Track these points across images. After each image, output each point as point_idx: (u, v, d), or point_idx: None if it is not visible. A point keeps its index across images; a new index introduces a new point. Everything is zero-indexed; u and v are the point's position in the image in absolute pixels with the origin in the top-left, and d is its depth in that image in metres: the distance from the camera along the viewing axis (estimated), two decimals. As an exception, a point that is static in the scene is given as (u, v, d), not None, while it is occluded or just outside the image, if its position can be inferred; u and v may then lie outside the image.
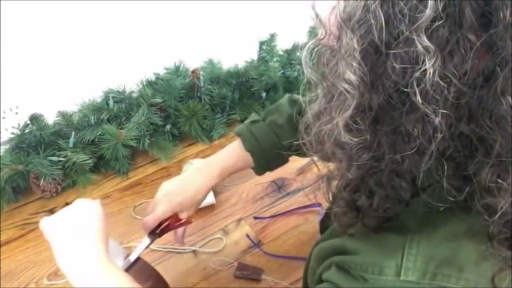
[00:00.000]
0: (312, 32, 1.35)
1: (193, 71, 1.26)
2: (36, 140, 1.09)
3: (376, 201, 0.45)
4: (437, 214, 0.45)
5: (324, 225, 0.75)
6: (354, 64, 0.38)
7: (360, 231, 0.49)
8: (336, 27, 0.41)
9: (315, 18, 0.44)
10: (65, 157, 1.08)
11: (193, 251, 0.96)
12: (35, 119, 1.11)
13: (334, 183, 0.50)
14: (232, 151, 0.85)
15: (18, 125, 1.10)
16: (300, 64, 1.29)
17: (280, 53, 1.34)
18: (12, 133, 1.09)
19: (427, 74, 0.35)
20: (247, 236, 0.97)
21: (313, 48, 0.44)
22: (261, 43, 1.30)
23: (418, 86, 0.36)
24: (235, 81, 1.26)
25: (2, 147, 1.10)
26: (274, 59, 1.30)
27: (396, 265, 0.44)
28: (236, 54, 1.30)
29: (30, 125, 1.11)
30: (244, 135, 0.84)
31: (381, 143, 0.41)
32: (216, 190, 1.08)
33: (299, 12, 1.39)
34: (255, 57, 1.30)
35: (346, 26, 0.39)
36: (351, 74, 0.39)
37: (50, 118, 1.15)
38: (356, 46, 0.38)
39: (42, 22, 1.08)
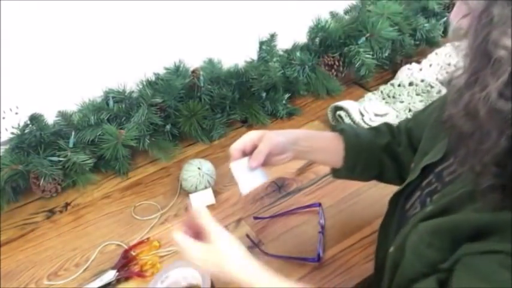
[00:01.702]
0: (312, 32, 1.35)
1: (193, 71, 1.26)
2: (36, 140, 1.09)
3: None
4: None
5: (394, 202, 0.76)
6: (509, 30, 0.42)
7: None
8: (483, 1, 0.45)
9: None
10: (65, 157, 1.08)
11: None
12: (35, 119, 1.11)
13: (477, 158, 0.49)
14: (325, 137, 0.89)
15: (18, 125, 1.10)
16: (300, 64, 1.29)
17: (280, 53, 1.34)
18: (12, 133, 1.09)
19: None
20: (247, 236, 0.97)
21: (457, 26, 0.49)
22: (261, 43, 1.30)
23: None
24: (235, 81, 1.26)
25: (2, 147, 1.10)
26: (274, 59, 1.30)
27: None
28: (236, 54, 1.30)
29: (30, 125, 1.11)
30: (346, 128, 0.88)
31: None
32: (216, 190, 1.08)
33: (299, 12, 1.41)
34: (255, 57, 1.30)
35: None
36: (506, 39, 0.42)
37: (50, 118, 1.15)
38: (510, 14, 0.42)
39: (42, 22, 1.08)
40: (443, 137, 0.69)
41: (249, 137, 0.80)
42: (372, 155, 0.87)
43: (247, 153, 0.79)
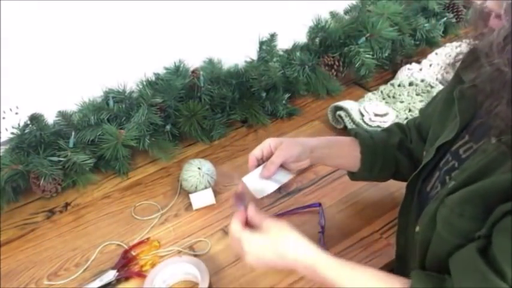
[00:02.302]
0: (311, 32, 1.35)
1: (193, 71, 1.26)
2: (36, 140, 1.09)
3: None
4: None
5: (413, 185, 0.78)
6: None
7: None
8: None
9: None
10: (65, 157, 1.08)
11: (179, 252, 0.96)
12: (35, 119, 1.11)
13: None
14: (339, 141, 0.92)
15: (18, 125, 1.10)
16: (300, 64, 1.29)
17: (280, 53, 1.34)
18: (12, 133, 1.09)
19: None
20: (247, 236, 0.97)
21: None
22: (261, 43, 1.30)
23: None
24: (235, 81, 1.26)
25: (2, 147, 1.10)
26: (274, 59, 1.30)
27: None
28: (236, 54, 1.30)
29: (30, 125, 1.11)
30: (360, 132, 0.92)
31: None
32: (216, 190, 1.08)
33: (299, 12, 1.41)
34: (255, 57, 1.30)
35: None
36: None
37: (50, 118, 1.15)
38: None
39: (42, 22, 1.08)
40: (453, 117, 0.71)
41: (267, 144, 0.82)
42: (388, 154, 0.90)
43: (264, 160, 0.82)
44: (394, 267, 0.86)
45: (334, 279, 0.66)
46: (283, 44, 1.35)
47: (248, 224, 0.74)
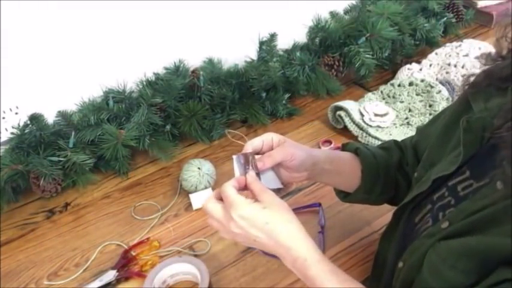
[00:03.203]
0: (311, 32, 1.35)
1: (193, 71, 1.26)
2: (36, 140, 1.09)
3: None
4: None
5: (398, 216, 0.72)
6: None
7: None
8: None
9: None
10: (65, 157, 1.08)
11: (178, 252, 0.96)
12: (35, 119, 1.11)
13: None
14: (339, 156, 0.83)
15: (18, 125, 1.10)
16: (300, 64, 1.29)
17: (280, 53, 1.34)
18: (12, 133, 1.09)
19: None
20: (247, 236, 0.97)
21: None
22: (261, 43, 1.30)
23: None
24: (235, 81, 1.26)
25: (2, 147, 1.10)
26: (274, 59, 1.30)
27: None
28: (236, 54, 1.30)
29: (30, 125, 1.11)
30: (362, 149, 0.83)
31: None
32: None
33: (299, 12, 1.41)
34: (255, 57, 1.30)
35: None
36: None
37: (50, 118, 1.15)
38: None
39: (42, 22, 1.08)
40: (453, 147, 0.65)
41: (269, 137, 0.74)
42: (389, 176, 0.82)
43: (260, 153, 0.74)
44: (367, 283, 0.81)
45: (322, 282, 0.61)
46: (283, 44, 1.35)
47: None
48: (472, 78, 0.64)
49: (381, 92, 1.32)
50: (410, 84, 1.30)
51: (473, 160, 0.61)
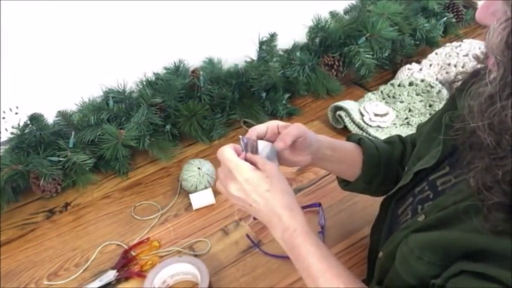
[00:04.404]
0: (311, 32, 1.35)
1: (193, 71, 1.26)
2: (36, 140, 1.09)
3: None
4: None
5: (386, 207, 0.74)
6: None
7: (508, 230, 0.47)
8: None
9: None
10: (65, 157, 1.08)
11: (178, 252, 0.96)
12: (35, 119, 1.11)
13: (491, 174, 0.47)
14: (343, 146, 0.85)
15: (18, 125, 1.10)
16: (300, 64, 1.29)
17: (280, 53, 1.34)
18: (12, 133, 1.09)
19: None
20: (247, 236, 0.97)
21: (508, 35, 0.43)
22: (261, 43, 1.30)
23: None
24: (235, 81, 1.26)
25: (2, 147, 1.10)
26: (274, 59, 1.30)
27: None
28: (236, 54, 1.30)
29: (30, 125, 1.11)
30: (365, 139, 0.85)
31: None
32: (216, 190, 1.08)
33: (299, 12, 1.41)
34: (255, 57, 1.30)
35: None
36: None
37: (50, 118, 1.15)
38: None
39: (42, 22, 1.08)
40: (438, 143, 0.67)
41: (274, 124, 0.74)
42: (390, 169, 0.84)
43: (264, 139, 0.73)
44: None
45: (306, 253, 0.63)
46: (283, 44, 1.35)
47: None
48: (460, 77, 0.67)
49: (381, 92, 1.32)
50: (410, 84, 1.30)
51: (452, 156, 0.64)
